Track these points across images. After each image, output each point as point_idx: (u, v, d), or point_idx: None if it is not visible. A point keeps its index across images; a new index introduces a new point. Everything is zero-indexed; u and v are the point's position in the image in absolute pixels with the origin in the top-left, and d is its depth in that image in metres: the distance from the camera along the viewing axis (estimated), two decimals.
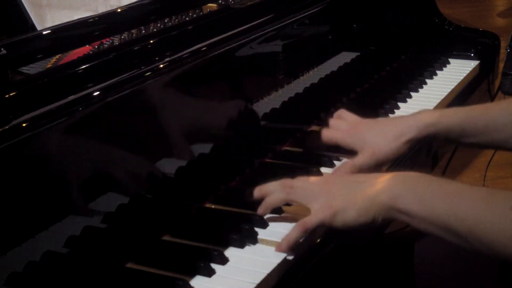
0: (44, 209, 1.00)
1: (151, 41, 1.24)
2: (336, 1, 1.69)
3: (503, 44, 2.10)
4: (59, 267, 1.02)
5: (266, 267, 1.07)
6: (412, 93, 1.74)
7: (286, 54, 1.50)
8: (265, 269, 1.07)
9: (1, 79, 1.00)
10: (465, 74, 1.89)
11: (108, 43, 1.22)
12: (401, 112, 1.64)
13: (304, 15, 1.58)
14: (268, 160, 1.43)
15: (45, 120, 1.00)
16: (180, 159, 1.24)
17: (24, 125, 0.97)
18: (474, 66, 1.95)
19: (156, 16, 1.33)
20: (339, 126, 1.37)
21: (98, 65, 1.13)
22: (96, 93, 1.08)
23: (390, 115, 1.62)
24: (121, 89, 1.12)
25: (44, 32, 1.14)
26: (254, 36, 1.41)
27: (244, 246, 1.13)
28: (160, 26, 1.31)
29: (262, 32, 1.43)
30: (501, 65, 2.04)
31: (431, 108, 1.65)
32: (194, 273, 1.06)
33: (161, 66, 1.20)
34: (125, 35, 1.25)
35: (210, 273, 1.06)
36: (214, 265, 1.08)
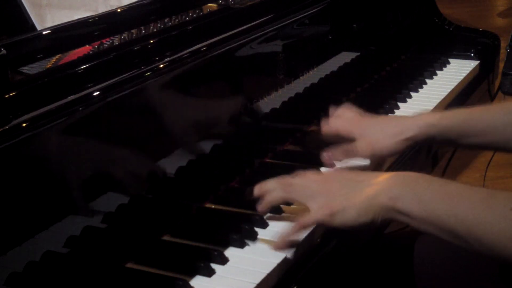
0: (44, 209, 1.00)
1: (151, 41, 1.24)
2: (336, 1, 1.69)
3: (503, 44, 2.10)
4: (59, 267, 1.02)
5: (266, 267, 1.07)
6: (412, 93, 1.74)
7: (286, 54, 1.50)
8: (265, 269, 1.07)
9: (1, 79, 1.00)
10: (465, 74, 1.89)
11: (108, 43, 1.22)
12: (401, 112, 1.64)
13: (304, 15, 1.58)
14: (268, 160, 1.43)
15: (45, 120, 1.00)
16: (180, 159, 1.24)
17: (24, 125, 0.97)
18: (474, 66, 1.95)
19: (156, 16, 1.33)
20: (341, 116, 1.37)
21: (98, 65, 1.13)
22: (96, 93, 1.08)
23: (390, 115, 1.62)
24: (121, 89, 1.12)
25: (44, 32, 1.14)
26: (254, 36, 1.41)
27: (244, 246, 1.13)
28: (160, 26, 1.31)
29: (262, 32, 1.43)
30: (501, 65, 2.04)
31: (431, 108, 1.66)
32: (194, 273, 1.06)
33: (161, 66, 1.20)
34: (125, 35, 1.25)
35: (210, 273, 1.06)
36: (214, 265, 1.08)
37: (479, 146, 1.31)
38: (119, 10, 1.28)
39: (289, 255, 1.10)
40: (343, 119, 1.36)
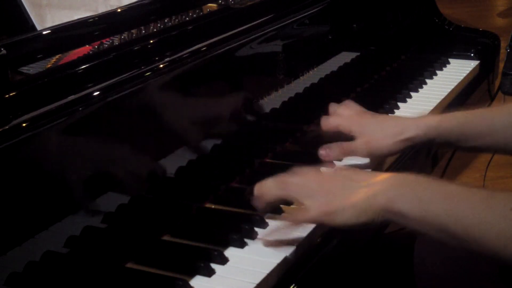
0: (44, 209, 1.00)
1: (151, 41, 1.24)
2: (336, 1, 1.69)
3: (503, 44, 2.10)
4: (59, 267, 1.02)
5: (266, 267, 1.07)
6: (412, 93, 1.74)
7: (286, 54, 1.50)
8: (265, 269, 1.07)
9: (1, 79, 1.00)
10: (465, 74, 1.89)
11: (108, 43, 1.22)
12: (401, 112, 1.64)
13: (304, 15, 1.58)
14: (268, 160, 1.43)
15: (45, 120, 1.00)
16: (180, 159, 1.24)
17: (24, 125, 0.97)
18: (474, 66, 1.95)
19: (156, 16, 1.33)
20: (342, 113, 1.37)
21: (98, 65, 1.13)
22: (96, 93, 1.08)
23: (391, 115, 1.62)
24: (121, 89, 1.12)
25: (44, 32, 1.14)
26: (254, 36, 1.41)
27: (244, 246, 1.13)
28: (160, 26, 1.31)
29: (262, 32, 1.43)
30: (501, 65, 2.04)
31: (431, 108, 1.66)
32: (194, 273, 1.06)
33: (161, 66, 1.20)
34: (125, 35, 1.25)
35: (210, 273, 1.06)
36: (214, 265, 1.08)
37: (479, 149, 1.31)
38: (119, 10, 1.28)
39: (289, 255, 1.10)
40: (344, 117, 1.36)
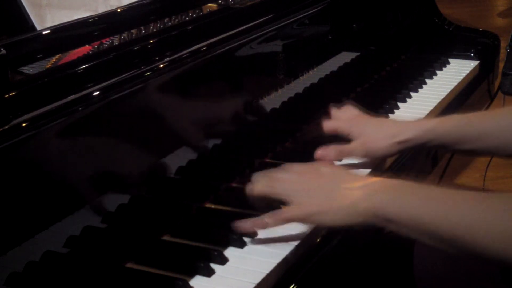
0: (44, 209, 1.00)
1: (151, 41, 1.24)
2: (336, 1, 1.69)
3: (503, 44, 2.10)
4: (59, 267, 1.02)
5: (266, 267, 1.07)
6: (412, 93, 1.74)
7: (286, 54, 1.50)
8: (265, 269, 1.07)
9: (1, 79, 1.00)
10: (465, 74, 1.89)
11: (108, 43, 1.22)
12: (401, 112, 1.64)
13: (304, 15, 1.58)
14: (268, 160, 1.43)
15: (45, 120, 1.00)
16: (180, 159, 1.24)
17: (24, 125, 0.97)
18: (474, 66, 1.95)
19: (156, 16, 1.33)
20: (341, 116, 1.38)
21: (98, 65, 1.14)
22: (96, 93, 1.08)
23: (390, 115, 1.62)
24: (121, 89, 1.12)
25: (44, 32, 1.14)
26: (254, 36, 1.41)
27: (244, 246, 1.13)
28: (160, 26, 1.31)
29: (262, 32, 1.43)
30: (501, 65, 2.04)
31: (431, 108, 1.66)
32: (194, 273, 1.06)
33: (161, 66, 1.20)
34: (125, 35, 1.25)
35: (210, 273, 1.06)
36: (214, 265, 1.08)
37: (476, 152, 1.31)
38: (119, 10, 1.28)
39: (289, 255, 1.10)
40: (342, 120, 1.37)
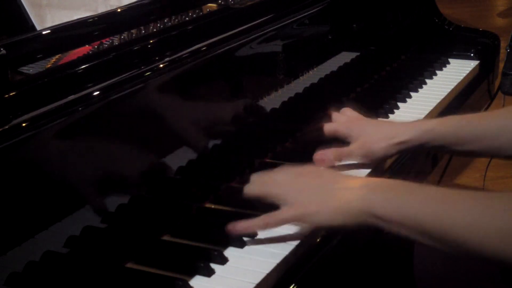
0: (44, 209, 1.00)
1: (151, 41, 1.24)
2: (336, 1, 1.69)
3: (503, 44, 2.10)
4: (59, 267, 1.02)
5: (266, 267, 1.07)
6: (412, 93, 1.74)
7: (286, 54, 1.50)
8: (265, 269, 1.07)
9: (1, 79, 1.00)
10: (465, 74, 1.89)
11: (108, 43, 1.22)
12: (401, 112, 1.64)
13: (304, 15, 1.58)
14: (268, 160, 1.43)
15: (45, 120, 1.00)
16: (180, 159, 1.24)
17: (24, 125, 0.97)
18: (474, 66, 1.95)
19: (156, 16, 1.33)
20: (339, 118, 1.40)
21: (98, 65, 1.13)
22: (96, 93, 1.08)
23: (390, 115, 1.62)
24: (121, 89, 1.12)
25: (44, 32, 1.14)
26: (254, 36, 1.41)
27: (244, 246, 1.13)
28: (160, 26, 1.31)
29: (262, 32, 1.43)
30: (501, 65, 2.04)
31: (431, 108, 1.66)
32: (194, 273, 1.06)
33: (161, 66, 1.20)
34: (125, 35, 1.25)
35: (210, 273, 1.06)
36: (214, 265, 1.08)
37: (474, 153, 1.31)
38: (119, 10, 1.28)
39: (289, 255, 1.10)
40: (340, 123, 1.37)
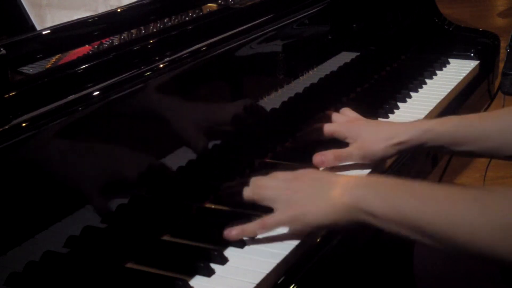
0: (44, 209, 1.00)
1: (151, 41, 1.24)
2: (336, 1, 1.69)
3: (503, 44, 2.10)
4: (59, 267, 1.02)
5: (266, 267, 1.07)
6: (412, 93, 1.74)
7: (286, 54, 1.50)
8: (265, 269, 1.07)
9: (1, 79, 1.00)
10: (465, 74, 1.89)
11: (108, 43, 1.22)
12: (401, 112, 1.64)
13: (304, 15, 1.58)
14: (268, 160, 1.43)
15: (45, 120, 1.00)
16: (180, 159, 1.24)
17: (24, 125, 0.97)
18: (474, 66, 1.95)
19: (156, 16, 1.33)
20: (338, 119, 1.41)
21: (98, 65, 1.13)
22: (96, 93, 1.08)
23: (390, 115, 1.62)
24: (121, 89, 1.12)
25: (44, 32, 1.14)
26: (254, 36, 1.41)
27: (244, 246, 1.13)
28: (160, 26, 1.31)
29: (262, 32, 1.43)
30: (501, 65, 2.04)
31: (431, 108, 1.66)
32: (194, 273, 1.06)
33: (161, 66, 1.20)
34: (125, 35, 1.25)
35: (210, 273, 1.06)
36: (214, 265, 1.08)
37: (473, 153, 1.31)
38: (119, 10, 1.28)
39: (289, 255, 1.10)
40: (339, 124, 1.38)
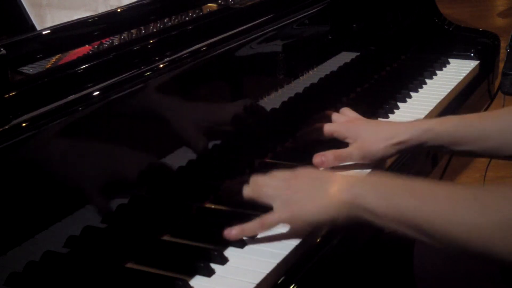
0: (44, 209, 1.00)
1: (151, 41, 1.24)
2: (336, 1, 1.69)
3: (503, 44, 2.10)
4: (59, 267, 1.02)
5: (266, 267, 1.07)
6: (412, 93, 1.74)
7: (286, 54, 1.50)
8: (265, 269, 1.07)
9: (1, 79, 1.00)
10: (465, 74, 1.89)
11: (108, 43, 1.22)
12: (401, 112, 1.64)
13: (304, 15, 1.58)
14: (268, 160, 1.43)
15: (45, 120, 1.00)
16: (180, 159, 1.24)
17: (24, 125, 0.97)
18: (474, 66, 1.95)
19: (156, 16, 1.33)
20: (338, 119, 1.41)
21: (98, 65, 1.13)
22: (96, 93, 1.08)
23: (390, 115, 1.62)
24: (121, 89, 1.12)
25: (44, 32, 1.14)
26: (254, 36, 1.41)
27: (244, 246, 1.13)
28: (160, 26, 1.31)
29: (262, 32, 1.43)
30: (501, 65, 2.04)
31: (431, 108, 1.66)
32: (194, 273, 1.06)
33: (161, 66, 1.20)
34: (125, 35, 1.25)
35: (210, 273, 1.06)
36: (214, 265, 1.08)
37: (472, 153, 1.31)
38: (119, 10, 1.28)
39: (289, 255, 1.10)
40: (339, 124, 1.38)
